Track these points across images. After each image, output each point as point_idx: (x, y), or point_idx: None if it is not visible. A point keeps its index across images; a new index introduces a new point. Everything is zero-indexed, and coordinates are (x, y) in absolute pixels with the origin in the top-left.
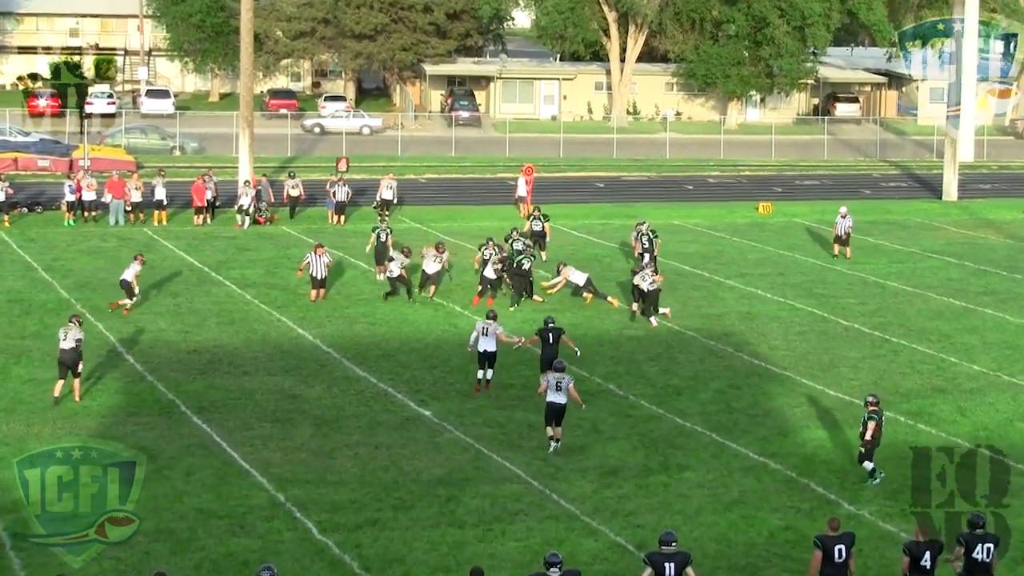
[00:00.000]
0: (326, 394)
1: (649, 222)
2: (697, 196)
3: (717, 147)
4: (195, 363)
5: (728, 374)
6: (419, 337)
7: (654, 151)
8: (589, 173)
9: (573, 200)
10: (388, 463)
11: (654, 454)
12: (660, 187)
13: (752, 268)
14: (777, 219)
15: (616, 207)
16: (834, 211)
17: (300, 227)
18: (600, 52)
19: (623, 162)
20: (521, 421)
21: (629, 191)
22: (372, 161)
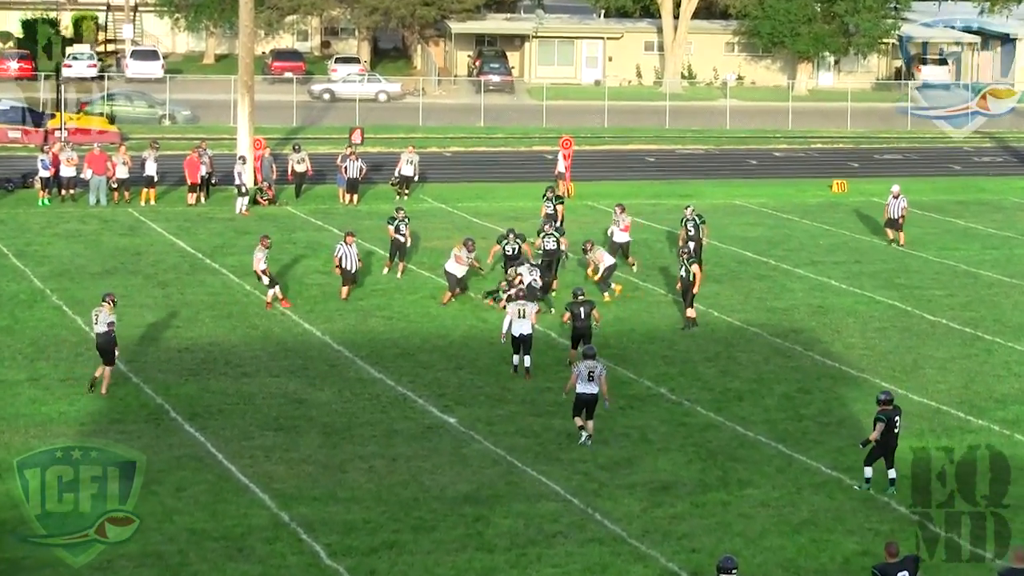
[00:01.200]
0: (337, 398)
1: (694, 205)
2: (761, 172)
3: (784, 116)
4: (187, 363)
5: (797, 376)
6: (443, 334)
7: (712, 121)
8: (637, 146)
9: (619, 177)
10: (407, 478)
11: (712, 468)
12: (719, 162)
13: (824, 255)
14: (853, 199)
15: (668, 185)
16: (919, 188)
17: (307, 207)
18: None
19: (676, 133)
20: (559, 430)
21: (683, 167)
22: (389, 132)
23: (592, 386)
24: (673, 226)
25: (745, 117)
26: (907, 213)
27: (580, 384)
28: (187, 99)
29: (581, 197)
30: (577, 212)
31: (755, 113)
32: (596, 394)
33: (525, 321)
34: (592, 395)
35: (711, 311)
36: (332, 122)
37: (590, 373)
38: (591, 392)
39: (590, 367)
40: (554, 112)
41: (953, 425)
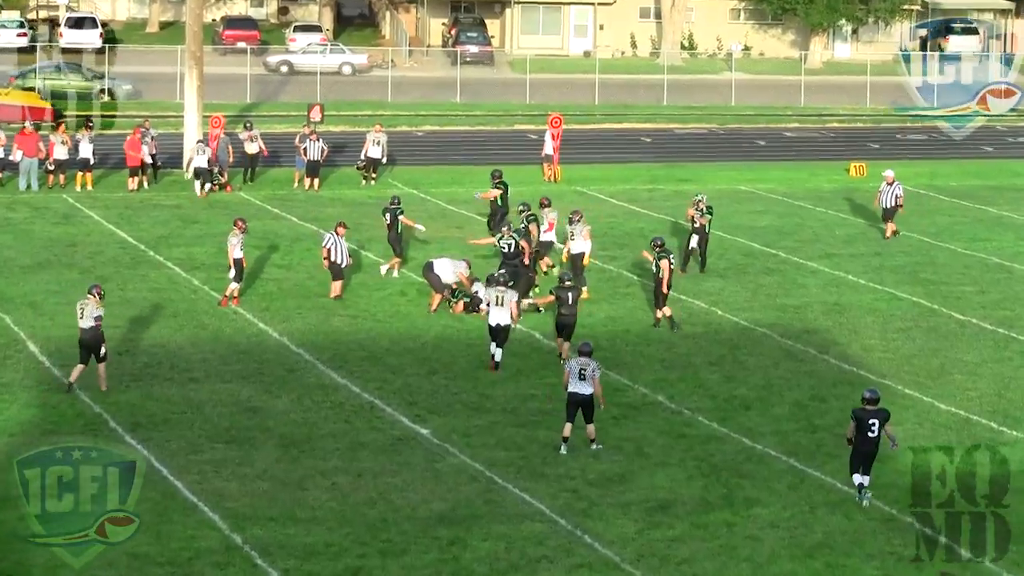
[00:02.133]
0: (295, 407)
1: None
2: (771, 154)
3: (796, 91)
4: (128, 367)
5: (810, 383)
6: (414, 335)
7: (716, 96)
8: (632, 125)
9: (611, 159)
10: (374, 495)
11: (715, 485)
12: (723, 143)
13: (841, 247)
14: (873, 183)
15: (666, 168)
16: (947, 172)
17: (262, 193)
18: None
19: (675, 111)
20: (544, 442)
21: (683, 148)
22: (354, 109)
23: (586, 386)
24: (671, 214)
25: (752, 92)
26: (902, 203)
27: (572, 382)
28: (129, 72)
29: (569, 182)
30: (564, 198)
31: (763, 88)
32: (591, 395)
33: (503, 310)
34: (586, 396)
35: (714, 310)
36: (290, 98)
37: (581, 371)
38: (584, 392)
39: (582, 364)
40: (539, 87)
41: (985, 437)
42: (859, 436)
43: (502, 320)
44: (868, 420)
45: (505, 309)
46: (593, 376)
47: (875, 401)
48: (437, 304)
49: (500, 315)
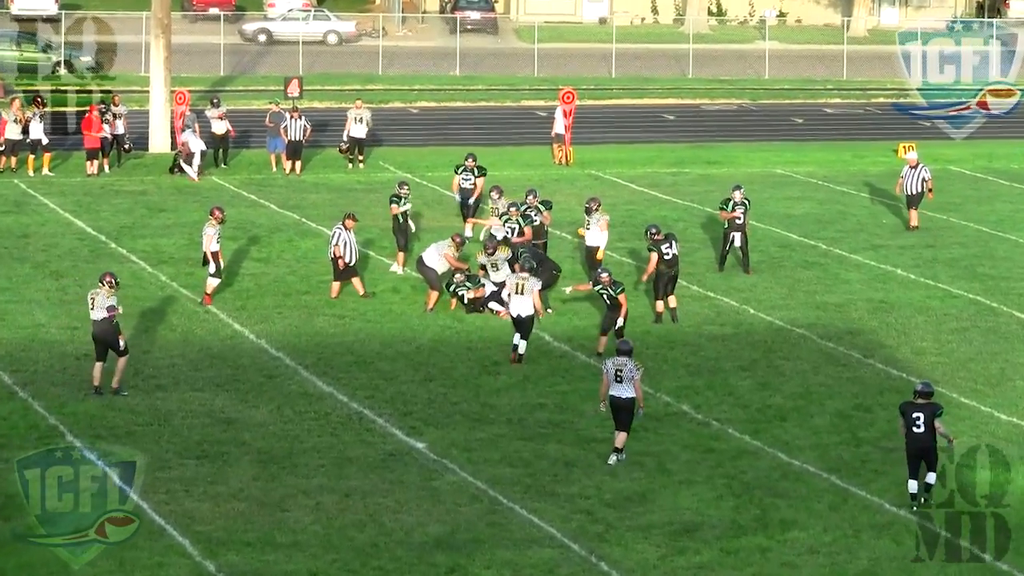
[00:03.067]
0: (275, 418)
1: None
2: (809, 133)
3: (838, 63)
4: (87, 373)
5: (854, 390)
6: (408, 336)
7: (747, 68)
8: (654, 100)
9: (630, 139)
10: (364, 517)
11: (747, 505)
12: (756, 120)
13: (889, 237)
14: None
15: (692, 149)
16: (1006, 154)
17: (237, 178)
18: None
19: (702, 84)
20: (555, 457)
21: (711, 126)
22: (341, 83)
23: (625, 388)
24: (698, 200)
25: (788, 64)
26: (931, 187)
27: (611, 386)
28: (88, 41)
29: (582, 164)
30: (577, 183)
31: (801, 59)
32: (631, 399)
33: (524, 299)
34: (625, 400)
35: (746, 308)
36: (269, 70)
37: (618, 372)
38: (622, 396)
39: (619, 365)
40: (548, 58)
41: None
42: (905, 433)
43: (522, 311)
44: (912, 414)
45: (526, 298)
46: (633, 378)
47: (927, 395)
48: (434, 303)
49: (520, 305)
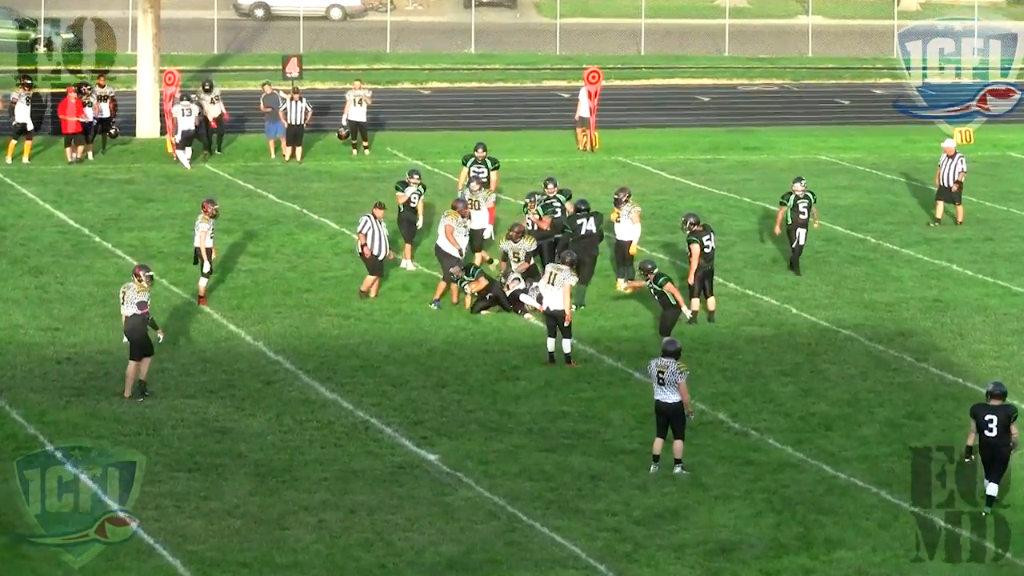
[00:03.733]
0: (274, 427)
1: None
2: (857, 116)
3: (888, 39)
4: (69, 378)
5: (905, 396)
6: (419, 339)
7: (788, 45)
8: (687, 81)
9: (659, 123)
10: (371, 536)
11: (789, 522)
12: (798, 102)
13: (944, 230)
14: (983, 152)
15: (728, 134)
16: None
17: (232, 165)
18: None
19: (739, 63)
20: (580, 470)
21: (749, 109)
22: (345, 62)
23: (667, 393)
24: (735, 189)
25: (834, 40)
26: (962, 179)
27: (654, 388)
28: (69, 16)
29: (609, 151)
30: (603, 171)
31: (847, 35)
32: (676, 403)
33: (556, 291)
34: (670, 404)
35: (787, 307)
36: (267, 48)
37: (660, 374)
38: (667, 401)
39: (661, 366)
40: (572, 34)
41: None
42: (979, 437)
43: (552, 304)
44: (985, 416)
45: (558, 291)
46: (676, 381)
47: (1000, 395)
48: (441, 293)
49: (552, 297)
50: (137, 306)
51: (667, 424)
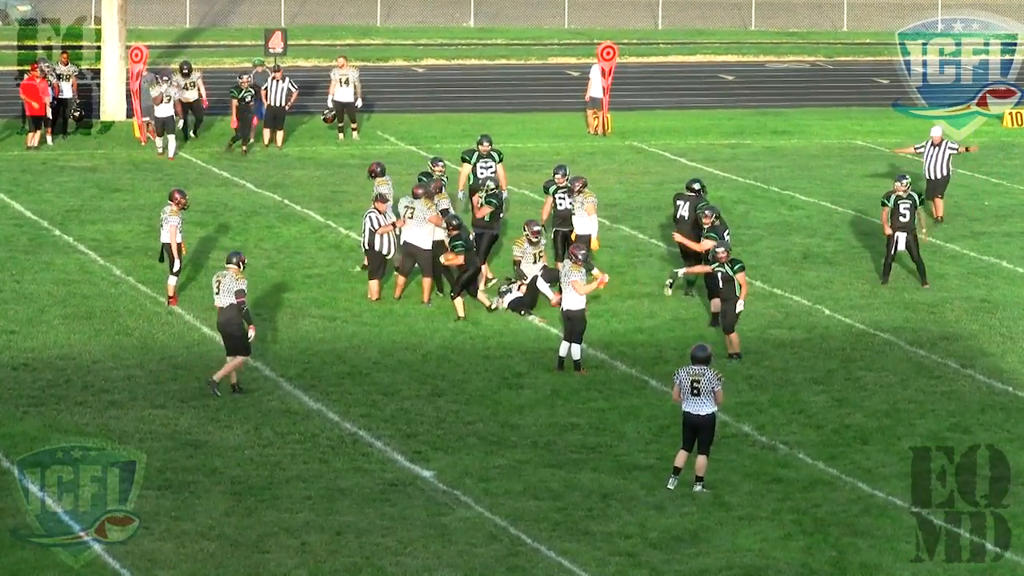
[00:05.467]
0: (252, 441)
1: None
2: (896, 97)
3: (931, 11)
4: (26, 386)
5: (950, 406)
6: (412, 342)
7: (820, 18)
8: (709, 57)
9: (681, 104)
10: (359, 560)
11: (820, 545)
12: (831, 81)
13: (992, 222)
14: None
15: (755, 116)
16: None
17: (206, 151)
18: None
19: (767, 38)
20: (590, 487)
21: (778, 88)
22: (332, 37)
23: (701, 403)
24: (762, 178)
25: (871, 13)
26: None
27: (684, 399)
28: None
29: (622, 134)
30: (617, 157)
31: (886, 7)
32: (711, 415)
33: (569, 289)
34: (704, 417)
35: (820, 308)
36: (244, 21)
37: (694, 383)
38: (699, 413)
39: (695, 375)
40: (582, 5)
41: None
42: None
43: (571, 304)
44: None
45: (571, 289)
46: (714, 390)
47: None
48: (429, 292)
49: (568, 298)
50: (235, 295)
51: (695, 437)
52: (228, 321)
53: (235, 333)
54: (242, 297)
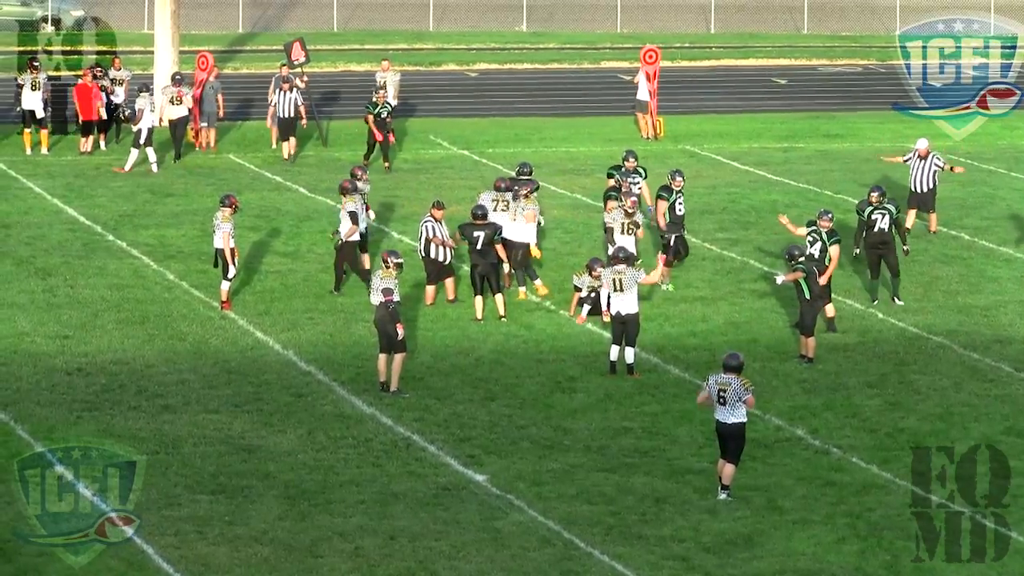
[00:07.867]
0: (305, 445)
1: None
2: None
3: (983, 14)
4: (80, 391)
5: (1004, 411)
6: (465, 347)
7: (874, 21)
8: (761, 61)
9: (730, 107)
10: (412, 565)
11: (875, 549)
12: (884, 85)
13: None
14: None
15: (807, 120)
16: None
17: (259, 156)
18: None
19: (819, 41)
20: (643, 492)
21: (831, 92)
22: (383, 41)
23: (728, 412)
24: (815, 182)
25: (922, 17)
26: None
27: (714, 408)
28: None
29: (675, 138)
30: (670, 160)
31: (939, 10)
32: (739, 425)
33: (626, 296)
34: (732, 426)
35: (873, 312)
36: (297, 26)
37: (721, 392)
38: (726, 421)
39: (722, 383)
40: (634, 9)
41: None
42: None
43: (625, 308)
44: None
45: (628, 295)
46: (740, 399)
47: None
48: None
49: (622, 302)
50: (382, 293)
51: (725, 447)
52: (380, 319)
53: (383, 330)
54: (389, 296)
